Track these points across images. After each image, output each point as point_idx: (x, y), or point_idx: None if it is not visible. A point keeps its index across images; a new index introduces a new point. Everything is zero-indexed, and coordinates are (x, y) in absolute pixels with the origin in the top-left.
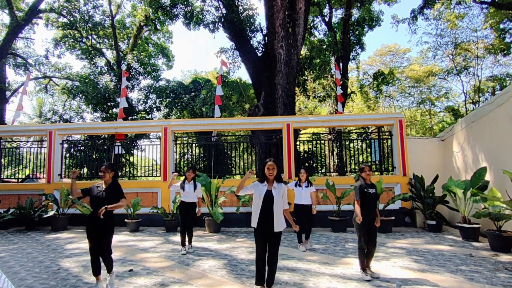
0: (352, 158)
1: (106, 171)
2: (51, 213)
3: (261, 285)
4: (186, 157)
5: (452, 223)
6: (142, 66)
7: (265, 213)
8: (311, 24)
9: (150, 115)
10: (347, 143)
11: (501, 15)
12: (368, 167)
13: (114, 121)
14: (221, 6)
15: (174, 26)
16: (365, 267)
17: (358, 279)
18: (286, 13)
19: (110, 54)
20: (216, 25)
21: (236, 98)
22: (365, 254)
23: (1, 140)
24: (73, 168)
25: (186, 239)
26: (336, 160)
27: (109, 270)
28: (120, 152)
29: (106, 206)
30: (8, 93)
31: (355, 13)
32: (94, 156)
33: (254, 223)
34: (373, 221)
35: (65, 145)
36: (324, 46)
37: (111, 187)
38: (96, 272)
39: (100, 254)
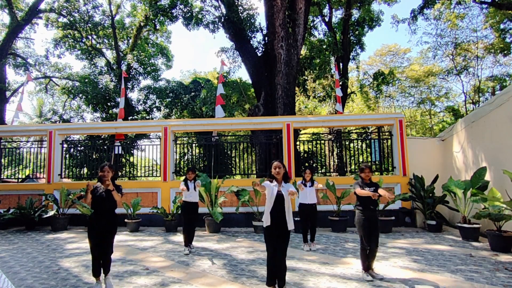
0: (352, 158)
1: (110, 171)
2: (51, 213)
3: (274, 286)
4: (186, 157)
5: (452, 223)
6: (142, 66)
7: (277, 212)
8: (311, 24)
9: (150, 115)
10: (347, 143)
11: (501, 15)
12: (368, 167)
13: (114, 121)
14: (221, 6)
15: (173, 25)
16: (367, 268)
17: (358, 279)
18: (286, 13)
19: (110, 54)
20: (216, 25)
21: (236, 98)
22: (368, 255)
23: (1, 140)
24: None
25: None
26: (336, 160)
27: (107, 271)
28: (120, 152)
29: (112, 190)
30: (8, 93)
31: (355, 13)
32: (94, 156)
33: (266, 223)
34: (375, 221)
35: (65, 145)
36: (324, 46)
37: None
38: (97, 273)
39: (102, 254)
